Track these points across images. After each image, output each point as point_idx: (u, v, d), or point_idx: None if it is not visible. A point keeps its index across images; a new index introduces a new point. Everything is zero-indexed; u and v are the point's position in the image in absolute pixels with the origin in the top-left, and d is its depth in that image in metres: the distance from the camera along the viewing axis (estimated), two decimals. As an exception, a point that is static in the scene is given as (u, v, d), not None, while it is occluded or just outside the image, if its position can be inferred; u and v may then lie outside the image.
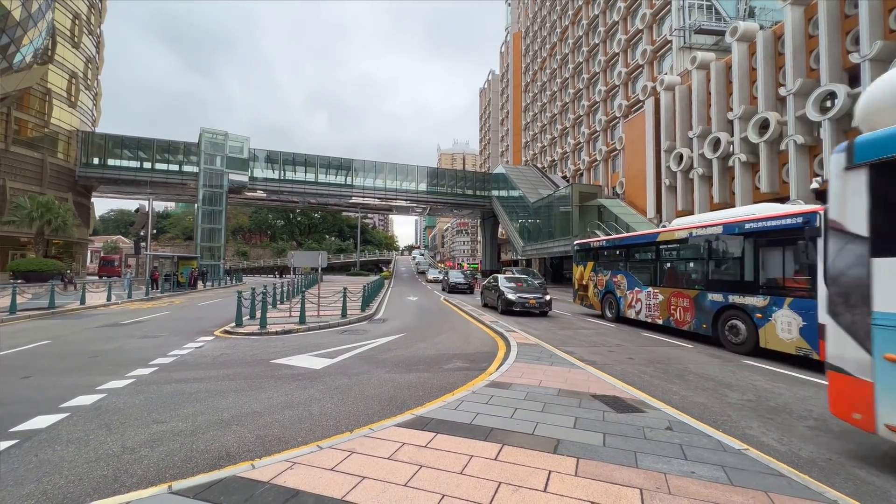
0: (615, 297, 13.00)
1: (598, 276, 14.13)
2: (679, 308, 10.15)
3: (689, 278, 10.20)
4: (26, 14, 27.31)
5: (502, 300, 14.72)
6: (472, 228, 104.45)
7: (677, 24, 29.71)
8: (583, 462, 3.24)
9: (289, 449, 3.55)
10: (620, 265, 12.99)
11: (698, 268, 9.92)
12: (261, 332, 9.86)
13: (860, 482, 3.28)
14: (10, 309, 12.44)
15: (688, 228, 10.10)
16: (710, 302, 9.21)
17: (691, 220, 10.94)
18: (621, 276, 12.78)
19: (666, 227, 11.35)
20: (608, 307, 13.53)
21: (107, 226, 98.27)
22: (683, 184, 26.64)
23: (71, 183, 38.73)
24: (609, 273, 13.48)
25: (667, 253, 11.14)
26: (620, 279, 12.79)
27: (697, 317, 9.57)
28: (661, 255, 11.24)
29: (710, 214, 10.66)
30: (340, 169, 48.90)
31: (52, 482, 3.01)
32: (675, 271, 10.83)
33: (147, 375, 6.05)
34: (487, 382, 5.54)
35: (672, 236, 10.67)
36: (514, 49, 71.38)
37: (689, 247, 10.16)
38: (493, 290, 16.32)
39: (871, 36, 16.42)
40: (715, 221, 9.40)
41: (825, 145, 17.96)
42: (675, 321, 10.29)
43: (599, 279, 14.07)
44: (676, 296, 10.27)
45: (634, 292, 12.00)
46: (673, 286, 10.56)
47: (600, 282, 13.98)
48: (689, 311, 9.85)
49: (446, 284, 27.38)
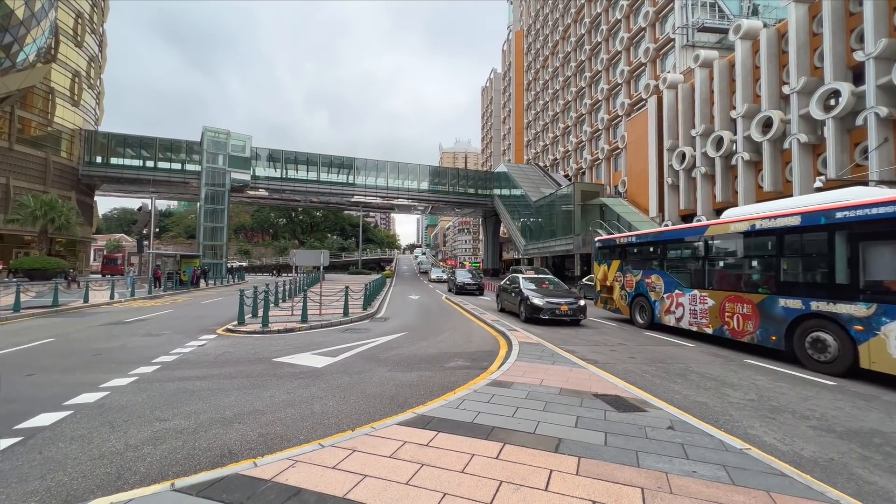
0: (648, 300, 11.48)
1: (627, 277, 12.55)
2: (737, 316, 8.57)
3: (751, 280, 8.58)
4: (29, 13, 27.40)
5: (526, 305, 12.46)
6: (474, 227, 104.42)
7: (680, 22, 29.56)
8: (584, 461, 3.24)
9: (291, 447, 3.56)
10: (655, 264, 11.44)
11: (764, 267, 8.31)
12: (263, 330, 9.89)
13: (863, 482, 3.27)
14: (14, 307, 12.51)
15: (749, 220, 8.52)
16: (781, 309, 7.65)
17: (750, 210, 9.37)
18: (656, 276, 11.21)
19: (718, 220, 9.69)
20: (639, 312, 11.98)
21: (110, 224, 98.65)
22: (686, 183, 26.54)
23: (74, 181, 38.90)
24: (640, 273, 11.89)
25: (719, 249, 9.49)
26: (655, 280, 11.24)
27: (764, 327, 7.98)
28: (710, 251, 9.58)
29: (774, 203, 9.02)
30: (342, 168, 48.95)
31: (56, 479, 3.02)
32: (731, 271, 9.19)
33: (150, 373, 6.08)
34: (489, 381, 5.54)
35: (726, 230, 9.06)
36: (516, 47, 71.18)
37: (752, 242, 8.60)
38: (512, 294, 13.94)
39: (875, 34, 16.30)
40: (789, 211, 7.81)
41: (829, 144, 17.87)
42: (730, 331, 8.75)
43: (628, 280, 12.48)
44: (733, 301, 8.70)
45: (674, 296, 10.47)
46: (728, 289, 8.96)
47: (629, 283, 12.41)
48: (750, 320, 8.28)
49: (453, 285, 25.75)
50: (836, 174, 17.00)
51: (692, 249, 10.40)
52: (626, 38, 35.88)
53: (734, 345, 9.21)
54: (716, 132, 23.80)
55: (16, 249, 34.34)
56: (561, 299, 12.21)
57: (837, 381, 6.41)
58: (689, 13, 29.41)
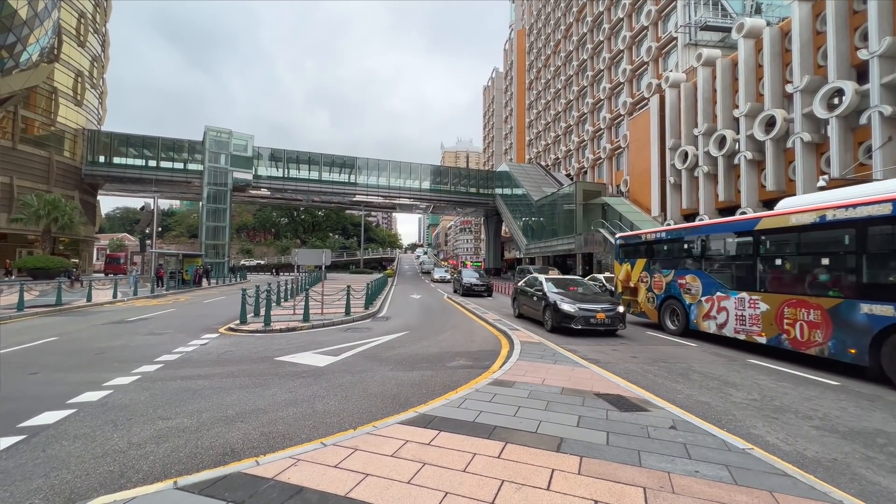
0: (682, 303, 10.31)
1: (655, 278, 11.39)
2: (801, 323, 7.33)
3: (820, 281, 7.30)
4: (32, 13, 27.50)
5: (554, 312, 10.59)
6: (476, 226, 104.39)
7: (683, 21, 29.47)
8: (586, 461, 3.23)
9: (293, 446, 3.56)
10: (690, 262, 10.28)
11: (839, 266, 7.06)
12: (265, 329, 9.91)
13: (866, 482, 3.26)
14: (18, 306, 12.56)
15: (817, 210, 7.28)
16: (864, 317, 6.40)
17: (810, 199, 8.17)
18: (692, 276, 10.04)
19: (774, 211, 8.41)
20: (669, 317, 10.87)
21: (112, 223, 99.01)
22: (688, 182, 26.47)
23: (77, 181, 39.04)
24: (671, 273, 10.75)
25: (775, 245, 8.25)
26: (691, 281, 10.07)
27: (838, 337, 6.77)
28: (763, 247, 8.35)
29: (838, 192, 7.78)
30: (344, 167, 49.00)
31: (60, 477, 3.04)
32: (792, 271, 7.87)
33: (152, 372, 6.10)
34: (490, 381, 5.54)
35: (786, 222, 7.78)
36: (518, 46, 71.10)
37: (821, 236, 7.38)
38: (534, 298, 12.13)
39: (880, 32, 16.21)
40: (873, 198, 6.48)
41: (832, 143, 17.80)
42: (791, 341, 7.49)
43: (656, 281, 11.33)
44: (795, 305, 7.46)
45: (715, 299, 9.30)
46: (788, 292, 7.73)
47: (657, 284, 11.30)
48: (820, 329, 7.04)
49: (459, 285, 24.31)
50: (840, 173, 16.93)
51: (739, 245, 9.09)
52: (629, 36, 35.79)
53: (740, 345, 9.12)
54: (718, 131, 23.73)
55: (19, 249, 34.50)
56: (596, 305, 10.45)
57: (841, 381, 6.39)
58: (692, 11, 29.32)
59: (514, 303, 14.18)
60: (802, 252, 7.79)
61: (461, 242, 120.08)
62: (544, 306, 11.19)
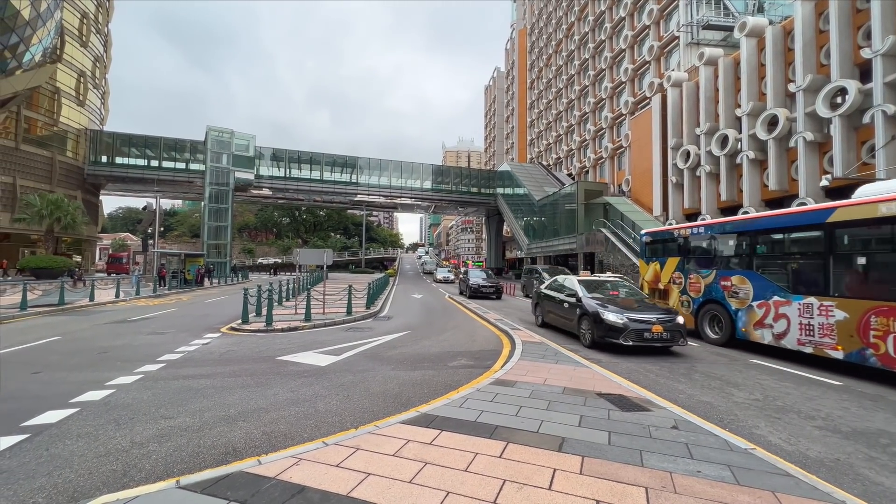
0: (726, 308, 9.02)
1: (691, 279, 10.07)
2: (894, 336, 6.09)
3: None
4: (35, 13, 27.58)
5: (594, 324, 8.40)
6: (477, 226, 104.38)
7: (685, 20, 29.37)
8: (588, 460, 3.23)
9: (295, 445, 3.57)
10: (736, 261, 9.02)
11: None
12: (267, 329, 9.93)
13: (869, 483, 3.25)
14: (21, 305, 12.61)
15: None
16: None
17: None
18: (740, 277, 8.76)
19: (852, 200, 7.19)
20: (709, 324, 9.58)
21: (115, 223, 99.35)
22: (690, 181, 26.38)
23: (80, 181, 39.17)
24: (712, 273, 9.46)
25: (857, 240, 6.99)
26: (738, 283, 8.78)
27: None
28: (839, 243, 7.10)
29: None
30: (345, 167, 49.02)
31: (63, 476, 3.05)
32: (881, 271, 6.59)
33: (155, 371, 6.12)
34: (492, 380, 5.54)
35: (873, 212, 6.49)
36: (519, 46, 71.02)
37: None
38: (564, 305, 9.94)
39: (883, 30, 16.12)
40: None
41: (835, 142, 17.71)
42: (880, 357, 6.22)
43: (692, 282, 10.01)
44: (885, 314, 6.19)
45: (771, 304, 8.01)
46: (873, 297, 6.45)
47: (693, 286, 9.97)
48: None
49: (465, 287, 22.34)
50: (843, 173, 16.85)
51: (804, 242, 7.95)
52: (630, 36, 35.69)
53: (746, 346, 8.99)
54: (720, 130, 23.64)
55: (23, 248, 34.65)
56: (650, 314, 8.13)
57: (843, 381, 6.37)
58: (694, 10, 29.21)
59: (536, 309, 12.00)
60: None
61: (462, 242, 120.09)
62: (580, 315, 8.97)
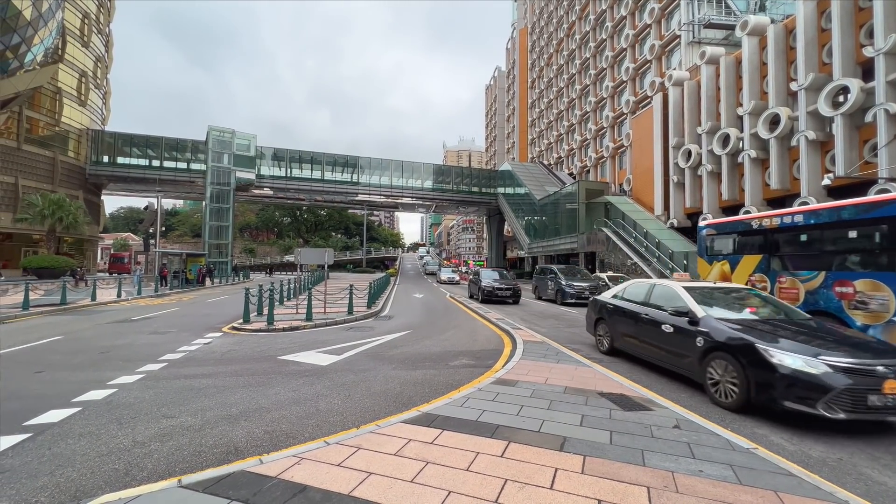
0: (845, 324, 6.70)
1: (783, 283, 8.03)
2: None
3: None
4: (37, 14, 27.62)
5: (751, 368, 4.56)
6: (478, 226, 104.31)
7: (686, 19, 29.30)
8: (589, 460, 3.23)
9: (296, 444, 3.58)
10: (859, 259, 6.93)
11: None
12: (268, 328, 9.94)
13: (872, 482, 3.24)
14: (23, 305, 12.65)
15: None
16: None
17: None
18: (870, 282, 6.53)
19: None
20: None
21: (116, 223, 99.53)
22: (692, 180, 26.33)
23: (81, 181, 39.26)
24: (821, 276, 7.30)
25: None
26: (867, 289, 6.53)
27: None
28: None
29: None
30: (346, 166, 49.05)
31: (65, 475, 3.06)
32: None
33: (157, 371, 6.13)
34: (493, 380, 5.53)
35: None
36: (520, 45, 70.94)
37: None
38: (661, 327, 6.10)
39: (885, 29, 16.06)
40: None
41: (837, 141, 17.66)
42: None
43: (785, 287, 7.96)
44: None
45: None
46: None
47: (787, 292, 7.91)
48: None
49: (476, 290, 19.26)
50: (845, 172, 16.81)
51: None
52: (632, 35, 35.62)
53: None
54: (722, 129, 23.58)
55: (25, 248, 34.73)
56: (868, 357, 4.21)
57: None
58: (696, 9, 29.14)
59: (597, 327, 8.31)
60: None
61: (463, 241, 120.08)
62: (705, 350, 5.25)
